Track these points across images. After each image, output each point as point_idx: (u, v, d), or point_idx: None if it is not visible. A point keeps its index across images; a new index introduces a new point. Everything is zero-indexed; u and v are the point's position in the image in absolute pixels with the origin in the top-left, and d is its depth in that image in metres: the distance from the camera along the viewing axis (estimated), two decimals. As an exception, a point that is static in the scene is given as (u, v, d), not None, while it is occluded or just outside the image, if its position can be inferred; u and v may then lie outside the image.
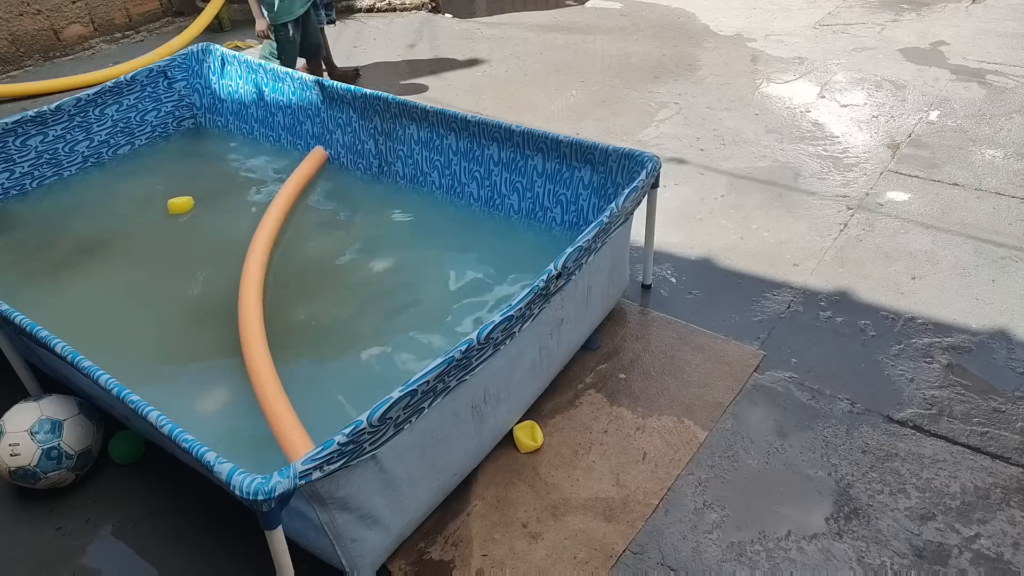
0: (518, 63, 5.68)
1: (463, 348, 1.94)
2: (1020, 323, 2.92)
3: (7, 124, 3.54)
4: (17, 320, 2.21)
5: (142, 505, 2.34)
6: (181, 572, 2.15)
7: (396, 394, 1.78)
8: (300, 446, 2.11)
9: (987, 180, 3.86)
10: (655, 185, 2.86)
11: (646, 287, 3.20)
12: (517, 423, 2.49)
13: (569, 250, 2.29)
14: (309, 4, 4.58)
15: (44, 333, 2.15)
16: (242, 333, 2.67)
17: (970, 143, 4.23)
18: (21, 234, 3.46)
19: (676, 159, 4.20)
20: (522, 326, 2.19)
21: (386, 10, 7.06)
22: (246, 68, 4.13)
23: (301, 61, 4.92)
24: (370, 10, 7.05)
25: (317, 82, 3.79)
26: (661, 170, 2.85)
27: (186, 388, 2.60)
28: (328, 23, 5.26)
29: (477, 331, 1.98)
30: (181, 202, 3.65)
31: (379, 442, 1.82)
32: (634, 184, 2.63)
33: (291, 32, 4.55)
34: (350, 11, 7.03)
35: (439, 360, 1.89)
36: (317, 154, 3.87)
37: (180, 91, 4.29)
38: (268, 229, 3.27)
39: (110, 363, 2.07)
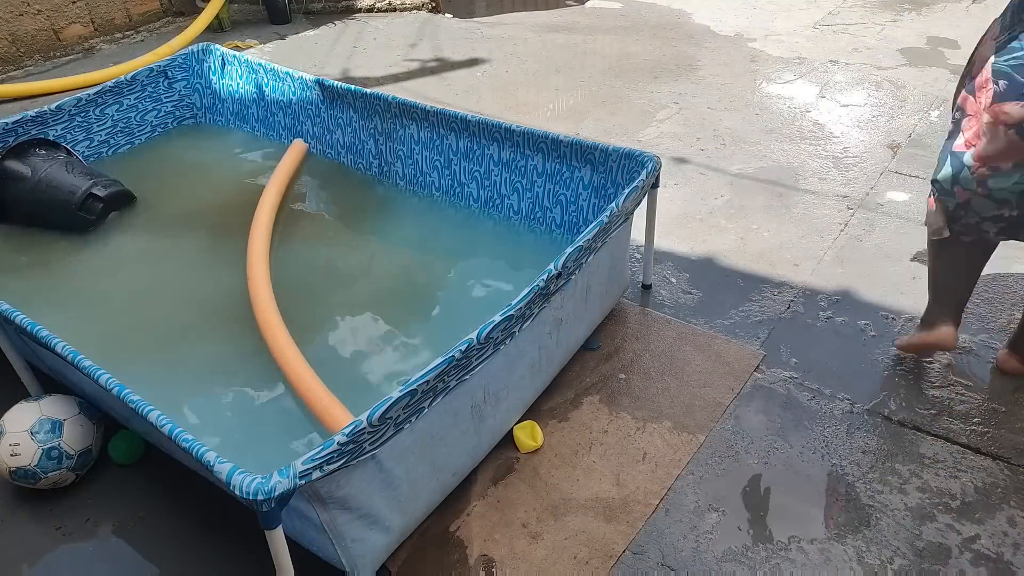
0: (518, 63, 5.68)
1: (463, 348, 1.94)
2: (1020, 323, 2.92)
3: (7, 124, 3.53)
4: (17, 320, 2.21)
5: (142, 505, 2.34)
6: (181, 572, 2.15)
7: (396, 394, 1.78)
8: (342, 420, 2.17)
9: (987, 180, 3.86)
10: (655, 185, 2.86)
11: (646, 287, 3.20)
12: (517, 423, 2.49)
13: (569, 250, 2.28)
14: None
15: (44, 332, 2.14)
16: (260, 323, 2.69)
17: (970, 143, 4.23)
18: (22, 232, 3.46)
19: (676, 159, 4.20)
20: (522, 326, 2.20)
21: (386, 10, 7.06)
22: (246, 68, 4.13)
23: None
24: (370, 10, 7.05)
25: (317, 82, 3.79)
26: (661, 170, 2.85)
27: (193, 388, 2.59)
28: None
29: (477, 331, 1.98)
30: None
31: (379, 442, 1.82)
32: (634, 184, 2.63)
33: None
34: (350, 11, 7.03)
35: (439, 360, 1.89)
36: (297, 147, 3.88)
37: (180, 91, 4.29)
38: (260, 229, 3.26)
39: (113, 363, 2.07)
